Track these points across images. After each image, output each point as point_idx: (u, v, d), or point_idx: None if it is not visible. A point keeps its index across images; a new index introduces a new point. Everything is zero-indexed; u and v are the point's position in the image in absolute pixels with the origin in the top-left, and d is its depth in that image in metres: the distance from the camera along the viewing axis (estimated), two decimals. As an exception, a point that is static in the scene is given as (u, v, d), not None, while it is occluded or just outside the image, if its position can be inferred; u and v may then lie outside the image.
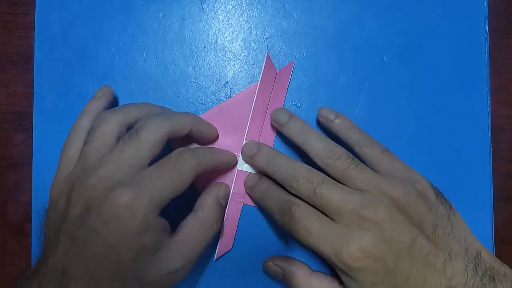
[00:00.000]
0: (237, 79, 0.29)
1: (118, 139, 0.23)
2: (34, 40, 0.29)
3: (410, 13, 0.30)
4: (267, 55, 0.29)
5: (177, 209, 0.22)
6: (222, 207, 0.26)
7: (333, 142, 0.25)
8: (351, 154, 0.25)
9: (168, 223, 0.22)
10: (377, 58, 0.30)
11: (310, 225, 0.23)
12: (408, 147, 0.29)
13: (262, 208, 0.28)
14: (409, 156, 0.29)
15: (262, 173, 0.27)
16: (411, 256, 0.22)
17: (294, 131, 0.26)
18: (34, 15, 0.29)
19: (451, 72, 0.30)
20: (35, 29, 0.29)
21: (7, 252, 0.30)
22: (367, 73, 0.30)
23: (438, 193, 0.24)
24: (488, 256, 0.23)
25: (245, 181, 0.28)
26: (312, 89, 0.29)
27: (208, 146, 0.28)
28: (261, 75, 0.28)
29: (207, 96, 0.29)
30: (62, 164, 0.24)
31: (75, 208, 0.21)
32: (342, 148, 0.25)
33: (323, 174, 0.24)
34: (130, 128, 0.24)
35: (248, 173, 0.28)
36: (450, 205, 0.24)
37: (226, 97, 0.29)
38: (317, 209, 0.23)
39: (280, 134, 0.29)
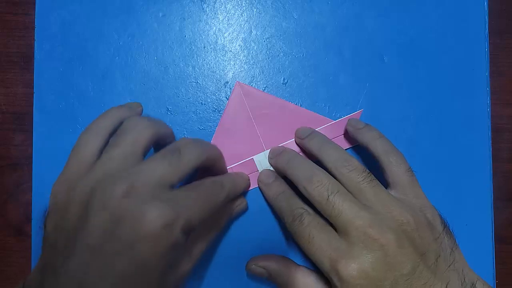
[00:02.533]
0: (237, 79, 0.29)
1: (145, 151, 0.22)
2: (34, 40, 0.29)
3: (410, 13, 0.30)
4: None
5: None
6: (231, 218, 0.27)
7: (350, 155, 0.25)
8: (367, 169, 0.24)
9: None
10: (377, 58, 0.30)
11: (314, 233, 0.23)
12: (408, 147, 0.29)
13: (272, 207, 0.28)
14: (409, 156, 0.29)
15: (277, 175, 0.28)
16: (409, 283, 0.21)
17: (314, 142, 0.27)
18: (34, 15, 0.29)
19: (451, 72, 0.30)
20: (35, 29, 0.29)
21: (7, 252, 0.30)
22: (367, 73, 0.30)
23: (446, 226, 0.24)
24: (482, 286, 0.23)
25: (260, 176, 0.28)
26: (312, 89, 0.29)
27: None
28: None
29: (207, 96, 0.29)
30: (73, 164, 0.22)
31: (99, 218, 0.19)
32: (359, 161, 0.25)
33: (339, 184, 0.24)
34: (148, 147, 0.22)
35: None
36: (454, 240, 0.24)
37: (226, 97, 0.29)
38: (326, 217, 0.23)
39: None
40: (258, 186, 0.28)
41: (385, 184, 0.25)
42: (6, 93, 0.30)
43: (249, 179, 0.28)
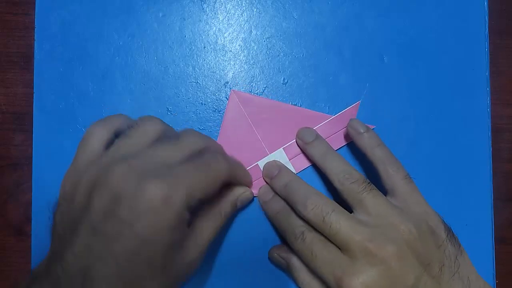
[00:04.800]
0: (237, 79, 0.29)
1: (155, 143, 0.22)
2: (34, 40, 0.29)
3: (410, 13, 0.30)
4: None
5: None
6: (236, 207, 0.26)
7: (352, 166, 0.25)
8: (368, 180, 0.25)
9: None
10: (377, 58, 0.30)
11: (317, 250, 0.23)
12: (408, 147, 0.29)
13: (273, 225, 0.28)
14: (409, 156, 0.29)
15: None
16: None
17: (317, 151, 0.27)
18: (34, 15, 0.29)
19: (451, 72, 0.30)
20: (35, 29, 0.29)
21: (7, 252, 0.30)
22: (367, 73, 0.30)
23: (449, 232, 0.24)
24: None
25: (258, 193, 0.28)
26: (312, 89, 0.29)
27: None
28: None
29: (207, 96, 0.29)
30: (81, 155, 0.22)
31: (100, 199, 0.19)
32: (361, 174, 0.25)
33: (334, 203, 0.24)
34: None
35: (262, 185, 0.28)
36: (459, 244, 0.24)
37: (226, 97, 0.29)
38: (325, 237, 0.23)
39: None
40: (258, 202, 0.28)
41: (385, 192, 0.25)
42: (6, 93, 0.30)
43: (250, 178, 0.28)
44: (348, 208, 0.25)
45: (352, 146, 0.29)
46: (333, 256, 0.23)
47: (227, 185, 0.26)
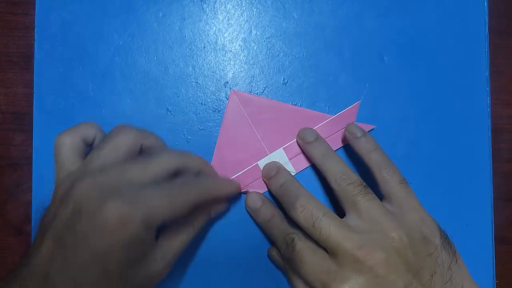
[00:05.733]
0: (237, 79, 0.29)
1: (127, 157, 0.23)
2: (34, 40, 0.29)
3: (410, 13, 0.30)
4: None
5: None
6: (209, 218, 0.27)
7: (350, 168, 0.25)
8: (364, 183, 0.24)
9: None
10: (377, 58, 0.30)
11: (306, 257, 0.23)
12: (408, 147, 0.29)
13: (264, 232, 0.28)
14: (409, 156, 0.29)
15: (264, 197, 0.28)
16: None
17: (317, 151, 0.27)
18: (34, 15, 0.29)
19: (451, 72, 0.30)
20: (35, 29, 0.29)
21: (7, 252, 0.30)
22: (367, 73, 0.30)
23: (445, 239, 0.24)
24: None
25: (247, 201, 0.28)
26: (312, 89, 0.29)
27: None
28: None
29: (207, 96, 0.29)
30: (59, 166, 0.23)
31: (64, 211, 0.20)
32: (359, 177, 0.25)
33: (326, 207, 0.24)
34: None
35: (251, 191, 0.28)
36: (454, 251, 0.24)
37: (226, 97, 0.29)
38: (315, 240, 0.24)
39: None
40: (247, 210, 0.28)
41: (381, 197, 0.25)
42: (6, 93, 0.30)
43: (238, 185, 0.28)
44: (343, 211, 0.25)
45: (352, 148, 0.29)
46: (321, 263, 0.23)
47: None
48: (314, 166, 0.28)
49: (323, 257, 0.23)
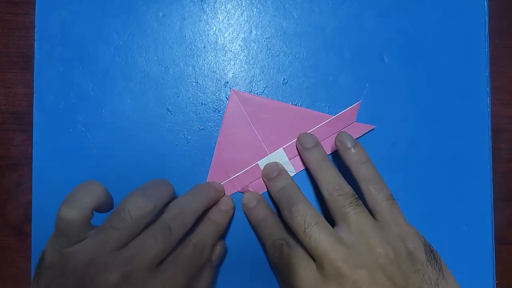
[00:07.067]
0: (237, 79, 0.29)
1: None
2: (34, 40, 0.29)
3: (410, 13, 0.30)
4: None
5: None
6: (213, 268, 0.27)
7: (345, 181, 0.25)
8: (357, 195, 0.24)
9: None
10: (377, 58, 0.30)
11: (293, 266, 0.23)
12: (408, 147, 0.29)
13: (255, 232, 0.28)
14: (409, 156, 0.29)
15: (261, 198, 0.28)
16: None
17: (313, 158, 0.27)
18: (34, 15, 0.29)
19: (451, 72, 0.30)
20: (35, 29, 0.29)
21: (7, 252, 0.30)
22: (367, 73, 0.30)
23: (430, 253, 0.24)
24: None
25: (243, 199, 0.28)
26: (312, 89, 0.29)
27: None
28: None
29: (207, 96, 0.29)
30: (61, 228, 0.21)
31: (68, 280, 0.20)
32: (352, 189, 0.25)
33: (321, 216, 0.24)
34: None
35: (248, 191, 0.28)
36: (441, 267, 0.24)
37: (226, 97, 0.29)
38: (305, 247, 0.24)
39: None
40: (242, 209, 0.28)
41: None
42: (6, 93, 0.30)
43: (221, 190, 0.28)
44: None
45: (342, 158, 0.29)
46: (308, 273, 0.23)
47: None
48: None
49: (311, 266, 0.23)
